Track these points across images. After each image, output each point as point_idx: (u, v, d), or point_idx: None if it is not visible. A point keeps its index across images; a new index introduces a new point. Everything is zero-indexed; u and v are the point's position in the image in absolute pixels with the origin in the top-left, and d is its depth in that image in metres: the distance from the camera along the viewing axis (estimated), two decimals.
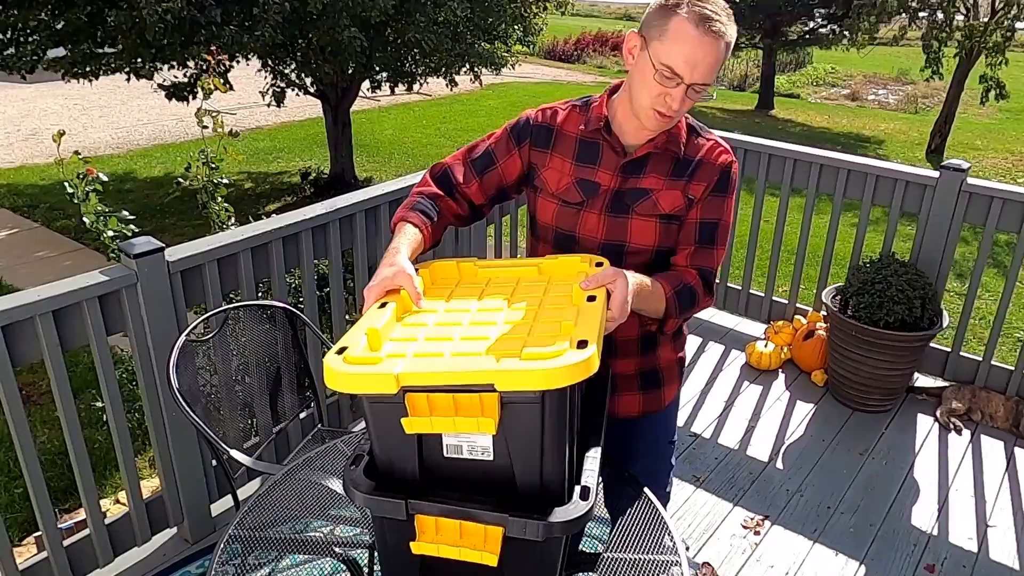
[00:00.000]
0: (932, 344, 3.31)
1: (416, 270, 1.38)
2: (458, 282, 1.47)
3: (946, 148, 11.63)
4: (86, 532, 2.21)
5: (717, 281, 3.96)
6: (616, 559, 1.50)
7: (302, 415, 2.65)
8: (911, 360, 3.12)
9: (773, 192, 3.73)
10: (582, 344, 1.10)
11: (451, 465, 1.17)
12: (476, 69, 8.07)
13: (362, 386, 1.09)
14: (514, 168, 1.61)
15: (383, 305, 1.29)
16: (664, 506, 1.75)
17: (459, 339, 1.20)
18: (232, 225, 3.09)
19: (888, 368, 3.09)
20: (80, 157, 2.85)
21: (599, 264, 1.41)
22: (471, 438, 1.15)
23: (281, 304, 2.19)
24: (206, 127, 2.89)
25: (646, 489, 1.61)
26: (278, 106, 7.96)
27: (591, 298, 1.27)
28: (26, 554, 2.63)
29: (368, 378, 1.08)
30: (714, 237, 1.56)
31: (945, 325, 3.06)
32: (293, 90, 7.96)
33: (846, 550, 2.49)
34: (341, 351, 1.14)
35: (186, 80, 7.08)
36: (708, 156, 1.53)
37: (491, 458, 1.15)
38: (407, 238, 1.48)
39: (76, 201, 2.95)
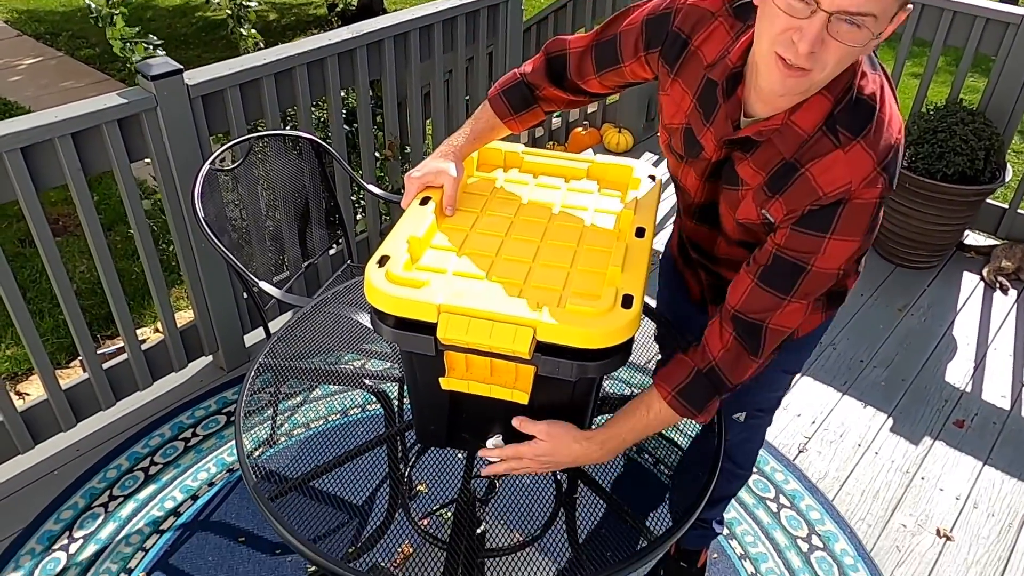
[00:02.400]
0: (988, 200, 3.14)
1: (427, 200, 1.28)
2: (503, 173, 1.41)
3: None
4: (124, 357, 2.26)
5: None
6: None
7: (331, 251, 2.63)
8: (965, 216, 2.97)
9: None
10: (627, 301, 1.05)
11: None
12: None
13: (404, 310, 1.07)
14: (641, 72, 1.28)
15: (425, 201, 1.26)
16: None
17: (501, 258, 1.17)
18: None
19: (939, 223, 2.95)
20: None
21: (638, 232, 1.22)
22: None
23: (307, 134, 2.09)
24: None
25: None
26: None
27: (640, 231, 1.20)
28: (73, 375, 2.73)
29: (410, 303, 1.06)
30: (786, 282, 1.10)
31: (1008, 179, 2.88)
32: None
33: (875, 403, 2.48)
34: (382, 261, 1.11)
35: None
36: (819, 173, 1.05)
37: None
38: (480, 125, 1.37)
39: (100, 25, 2.80)
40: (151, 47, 2.77)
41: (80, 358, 2.73)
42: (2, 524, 2.00)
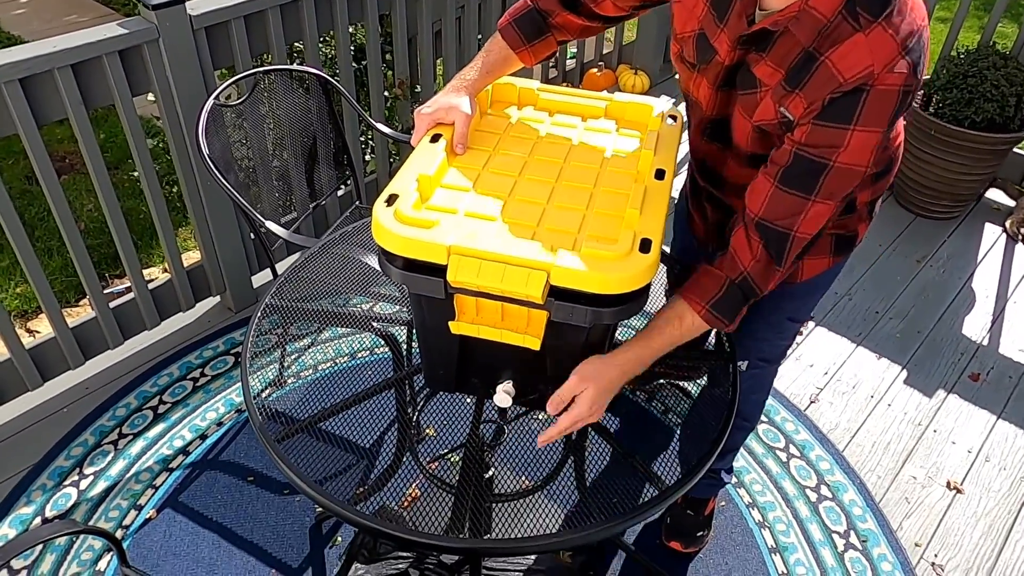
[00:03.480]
0: (1016, 149, 3.04)
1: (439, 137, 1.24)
2: (517, 110, 1.35)
3: None
4: (131, 296, 2.24)
5: None
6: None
7: (340, 192, 2.58)
8: (991, 165, 2.88)
9: None
10: (645, 246, 1.00)
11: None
12: None
13: (413, 251, 1.02)
14: None
15: (436, 138, 1.20)
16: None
17: (515, 199, 1.12)
18: None
19: (963, 172, 2.86)
20: None
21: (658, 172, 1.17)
22: None
23: (315, 70, 2.02)
24: None
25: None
26: None
27: (660, 173, 1.14)
28: (82, 314, 2.72)
29: (419, 244, 1.01)
30: (806, 181, 1.06)
31: None
32: None
33: (889, 354, 2.44)
34: (391, 200, 1.06)
35: None
36: (839, 59, 1.00)
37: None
38: (491, 58, 1.31)
39: None
40: None
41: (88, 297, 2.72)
42: (13, 460, 2.01)
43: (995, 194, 3.13)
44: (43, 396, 2.16)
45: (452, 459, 1.56)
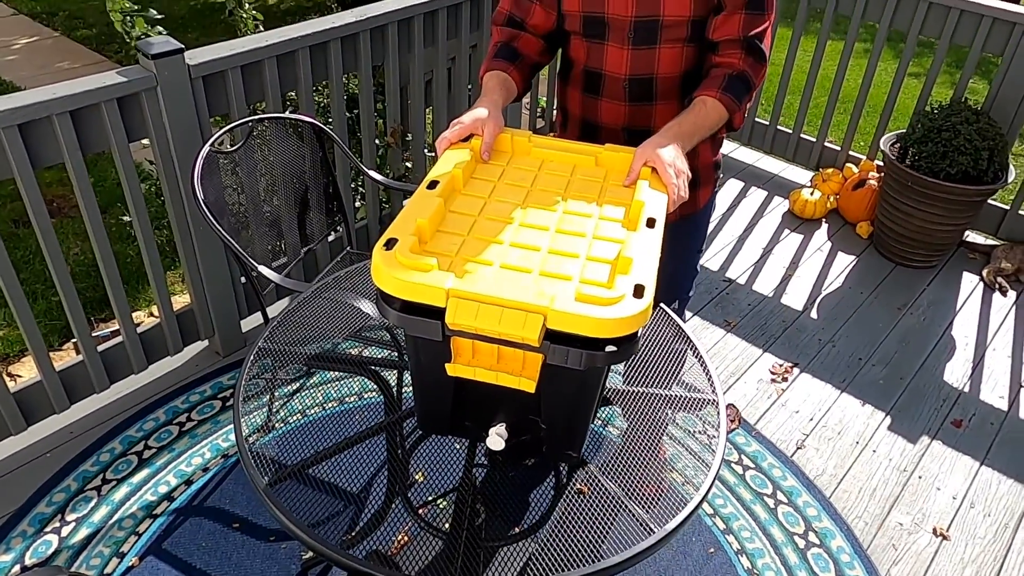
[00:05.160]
0: (990, 200, 3.14)
1: (470, 137, 1.38)
2: (510, 159, 1.40)
3: None
4: (119, 339, 2.24)
5: (767, 122, 3.74)
6: (646, 394, 1.47)
7: (330, 237, 2.60)
8: (966, 215, 2.96)
9: (834, 36, 3.41)
10: (639, 291, 1.03)
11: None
12: None
13: (412, 293, 1.04)
14: None
15: (432, 185, 1.24)
16: (681, 315, 1.95)
17: (509, 244, 1.15)
18: None
19: (940, 223, 2.94)
20: None
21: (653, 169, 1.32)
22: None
23: (309, 118, 2.06)
24: None
25: (675, 318, 1.55)
26: None
27: (651, 222, 1.18)
28: (65, 358, 2.70)
29: (418, 287, 1.03)
30: (762, 1, 1.45)
31: (1011, 180, 2.87)
32: None
33: (873, 400, 2.47)
34: (390, 243, 1.09)
35: None
36: None
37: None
38: (493, 82, 1.48)
39: None
40: (151, 23, 2.73)
41: (74, 340, 2.70)
42: None
43: (974, 239, 3.21)
44: (26, 440, 2.14)
45: (440, 504, 1.56)
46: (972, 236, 3.27)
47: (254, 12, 2.96)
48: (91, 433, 2.18)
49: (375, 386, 1.97)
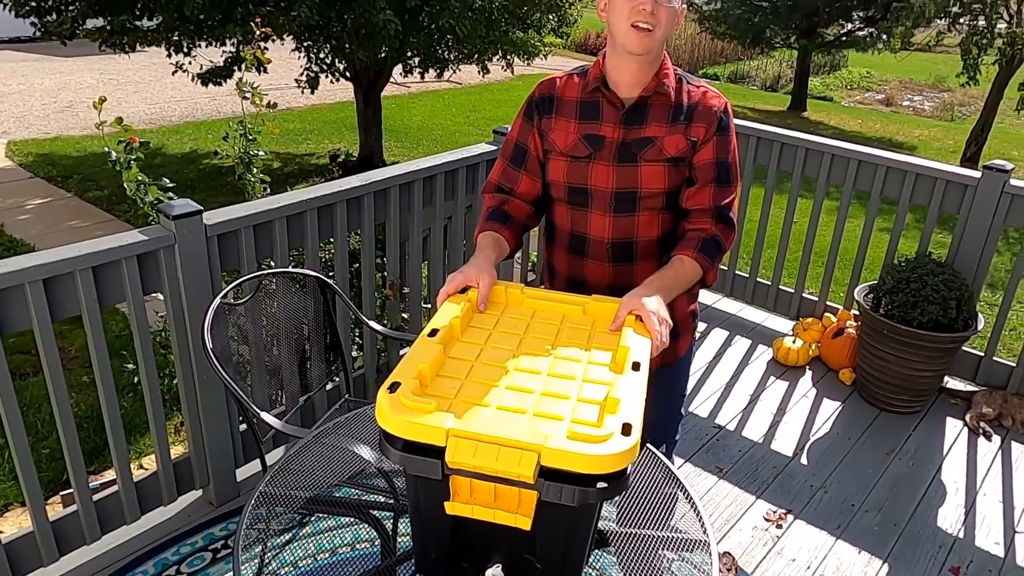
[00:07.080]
0: (965, 348, 3.26)
1: (467, 288, 1.49)
2: (504, 309, 1.52)
3: (982, 157, 11.39)
4: (114, 489, 2.24)
5: (747, 275, 3.93)
6: (639, 535, 1.49)
7: (329, 385, 2.67)
8: (943, 362, 3.07)
9: (805, 193, 3.68)
10: (626, 429, 1.11)
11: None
12: (508, 57, 8.04)
13: (414, 433, 1.12)
14: (541, 144, 1.70)
15: (433, 333, 1.34)
16: (670, 458, 1.99)
17: (504, 387, 1.24)
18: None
19: (919, 369, 3.05)
20: (122, 125, 2.87)
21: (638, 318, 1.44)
22: None
23: (314, 273, 2.20)
24: (247, 96, 2.90)
25: (667, 462, 1.60)
26: (311, 92, 7.97)
27: (636, 365, 1.29)
28: (51, 511, 2.67)
29: (420, 427, 1.11)
30: (729, 175, 1.64)
31: (980, 327, 3.01)
32: (327, 75, 7.97)
33: (869, 547, 2.46)
34: (393, 387, 1.18)
35: (222, 64, 7.12)
36: (703, 101, 1.63)
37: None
38: (486, 241, 1.64)
39: (118, 168, 2.98)
40: (164, 190, 2.94)
41: (64, 492, 2.69)
42: None
43: (953, 385, 3.30)
44: None
45: None
46: (952, 383, 3.36)
47: (262, 176, 3.19)
48: None
49: (367, 536, 1.97)
